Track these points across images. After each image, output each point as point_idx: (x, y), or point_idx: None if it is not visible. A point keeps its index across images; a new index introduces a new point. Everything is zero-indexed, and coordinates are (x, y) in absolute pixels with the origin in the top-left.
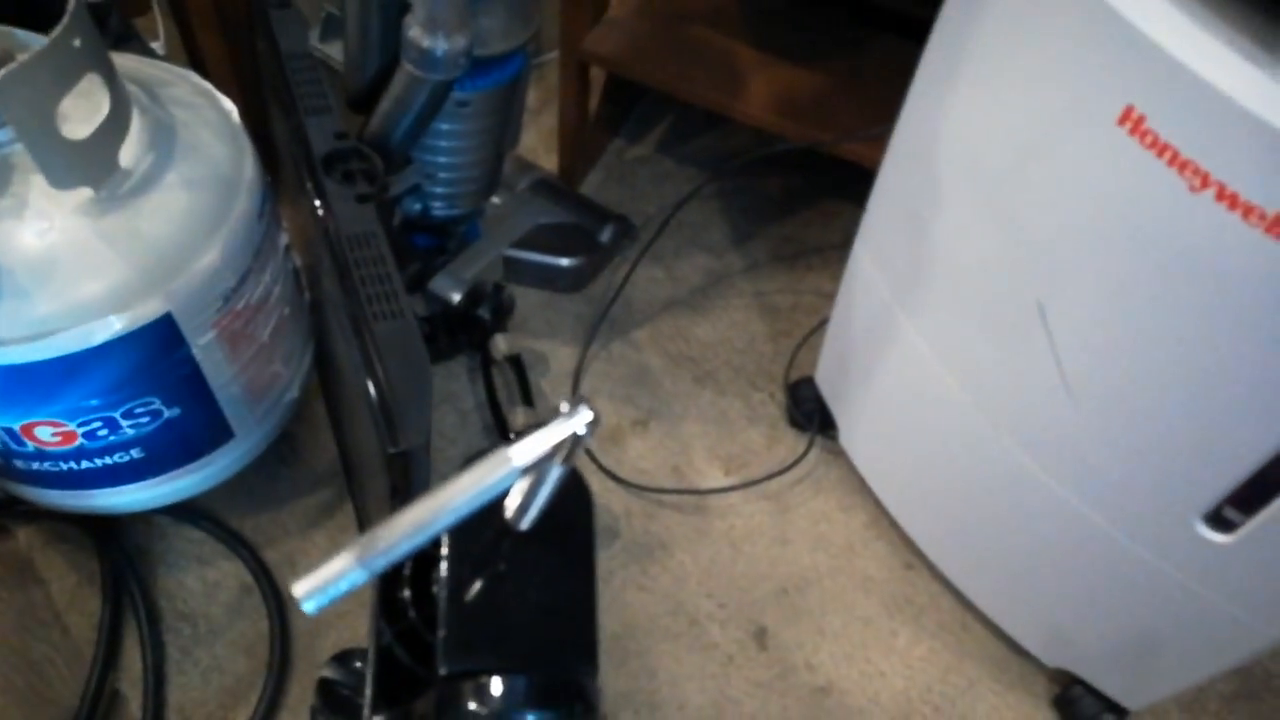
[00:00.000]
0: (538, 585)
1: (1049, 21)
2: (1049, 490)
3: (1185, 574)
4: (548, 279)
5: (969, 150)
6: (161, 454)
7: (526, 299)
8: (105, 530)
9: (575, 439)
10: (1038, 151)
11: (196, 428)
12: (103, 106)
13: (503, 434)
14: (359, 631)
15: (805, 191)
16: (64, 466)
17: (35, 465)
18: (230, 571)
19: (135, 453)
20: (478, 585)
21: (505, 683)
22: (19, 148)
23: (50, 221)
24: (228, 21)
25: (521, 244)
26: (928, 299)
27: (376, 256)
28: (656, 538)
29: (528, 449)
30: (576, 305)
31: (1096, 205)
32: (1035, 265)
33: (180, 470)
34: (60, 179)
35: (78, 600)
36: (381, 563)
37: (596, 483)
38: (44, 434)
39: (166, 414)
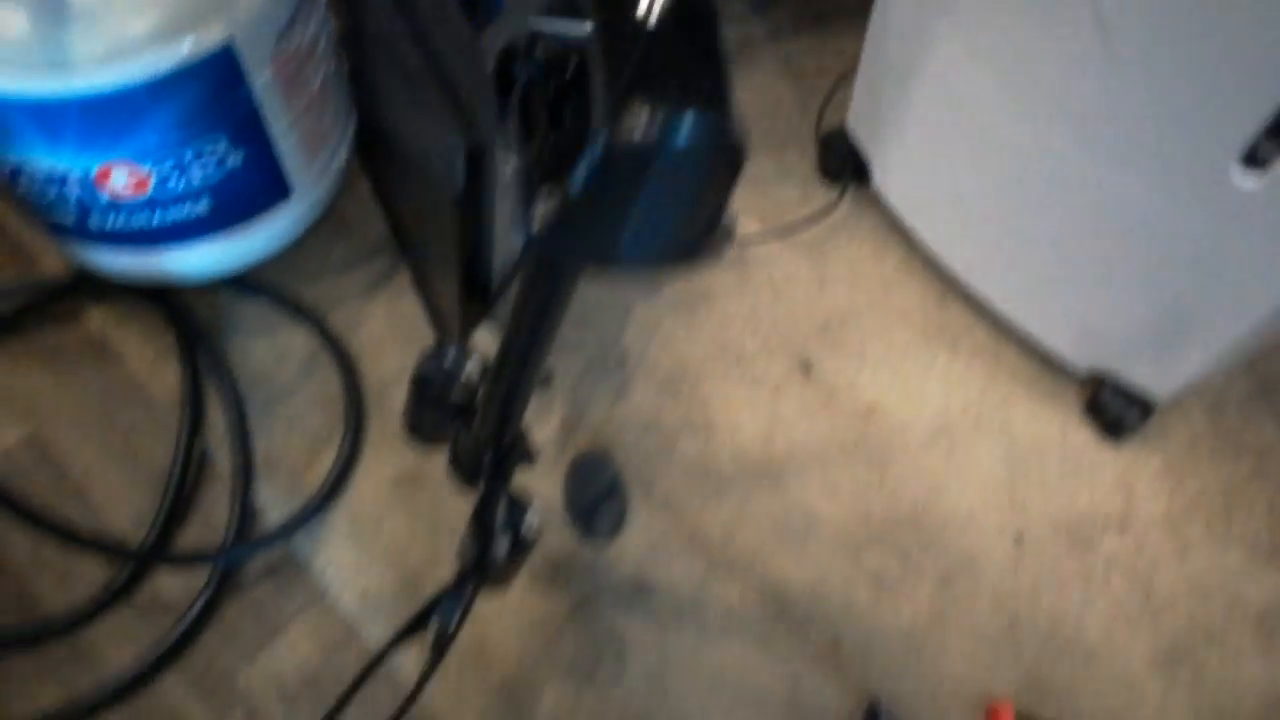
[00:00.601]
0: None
1: None
2: (1086, 169)
3: (1217, 224)
4: (575, 45)
5: None
6: (226, 207)
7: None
8: (174, 305)
9: None
10: None
11: (258, 180)
12: None
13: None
14: None
15: None
16: (136, 222)
17: (110, 221)
18: (297, 338)
19: (202, 205)
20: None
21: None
22: None
23: None
24: None
25: (550, 9)
26: (967, 8)
27: None
28: (699, 290)
29: None
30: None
31: None
32: None
33: (243, 228)
34: None
35: (156, 373)
36: None
37: None
38: (119, 181)
39: (230, 161)
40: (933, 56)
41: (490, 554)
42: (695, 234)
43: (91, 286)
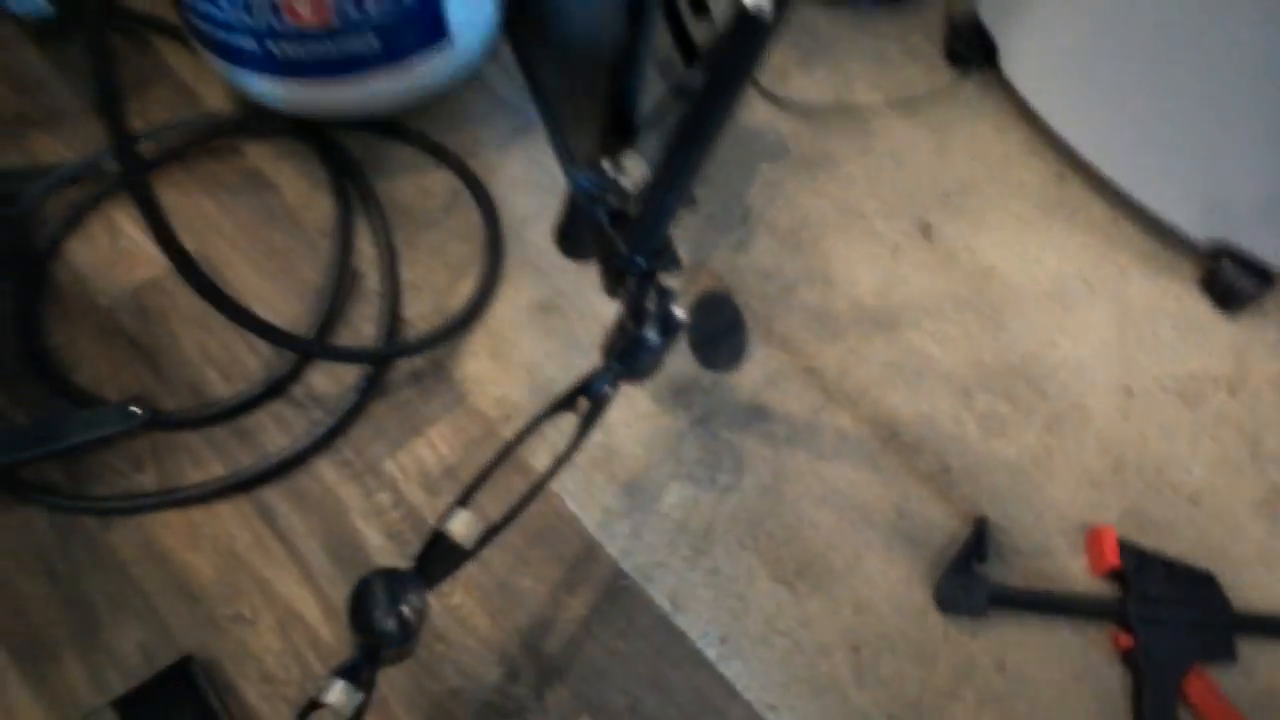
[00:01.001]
0: None
1: None
2: (1219, 28)
3: None
4: None
5: None
6: (393, 45)
7: None
8: (328, 142)
9: None
10: None
11: (423, 22)
12: None
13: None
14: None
15: None
16: (313, 50)
17: (291, 50)
18: (439, 178)
19: (372, 40)
20: None
21: None
22: None
23: None
24: None
25: None
26: None
27: None
28: (823, 152)
29: None
30: None
31: None
32: None
33: (404, 68)
34: None
35: (309, 202)
36: None
37: (763, 109)
38: (302, 8)
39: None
40: None
41: (644, 337)
42: None
43: (251, 124)
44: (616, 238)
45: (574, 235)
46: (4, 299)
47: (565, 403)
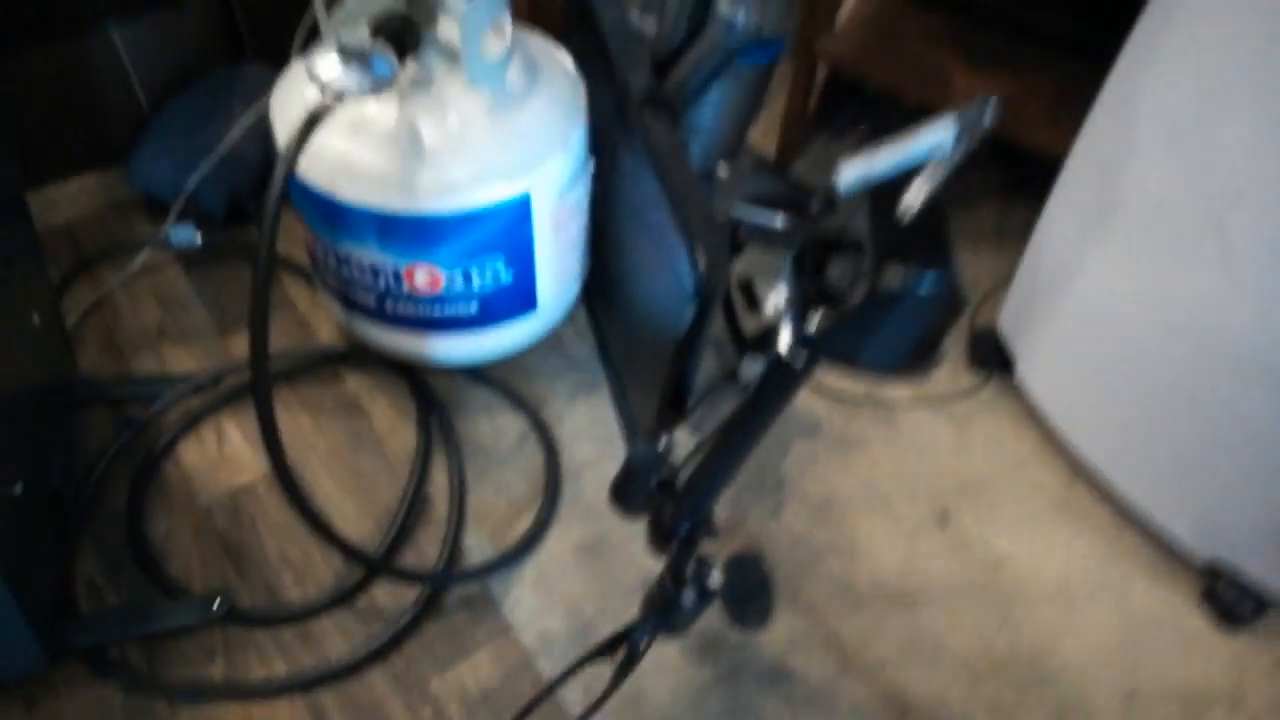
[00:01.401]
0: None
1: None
2: (1215, 379)
3: None
4: (763, 235)
5: (1164, 109)
6: (488, 310)
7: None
8: (418, 380)
9: (981, 126)
10: (1231, 105)
11: (516, 294)
12: (505, 40)
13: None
14: (611, 471)
15: (989, 187)
16: (423, 311)
17: (404, 309)
18: (512, 422)
19: (473, 306)
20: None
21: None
22: (445, 69)
23: (461, 115)
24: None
25: (745, 201)
26: (1115, 231)
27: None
28: (854, 435)
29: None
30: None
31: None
32: (1219, 189)
33: (495, 330)
34: (481, 81)
35: (395, 432)
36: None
37: (802, 392)
38: (420, 278)
39: (502, 277)
40: (1082, 276)
41: (680, 599)
42: (923, 354)
43: (354, 358)
44: (664, 504)
45: (627, 494)
46: (120, 488)
47: (604, 649)
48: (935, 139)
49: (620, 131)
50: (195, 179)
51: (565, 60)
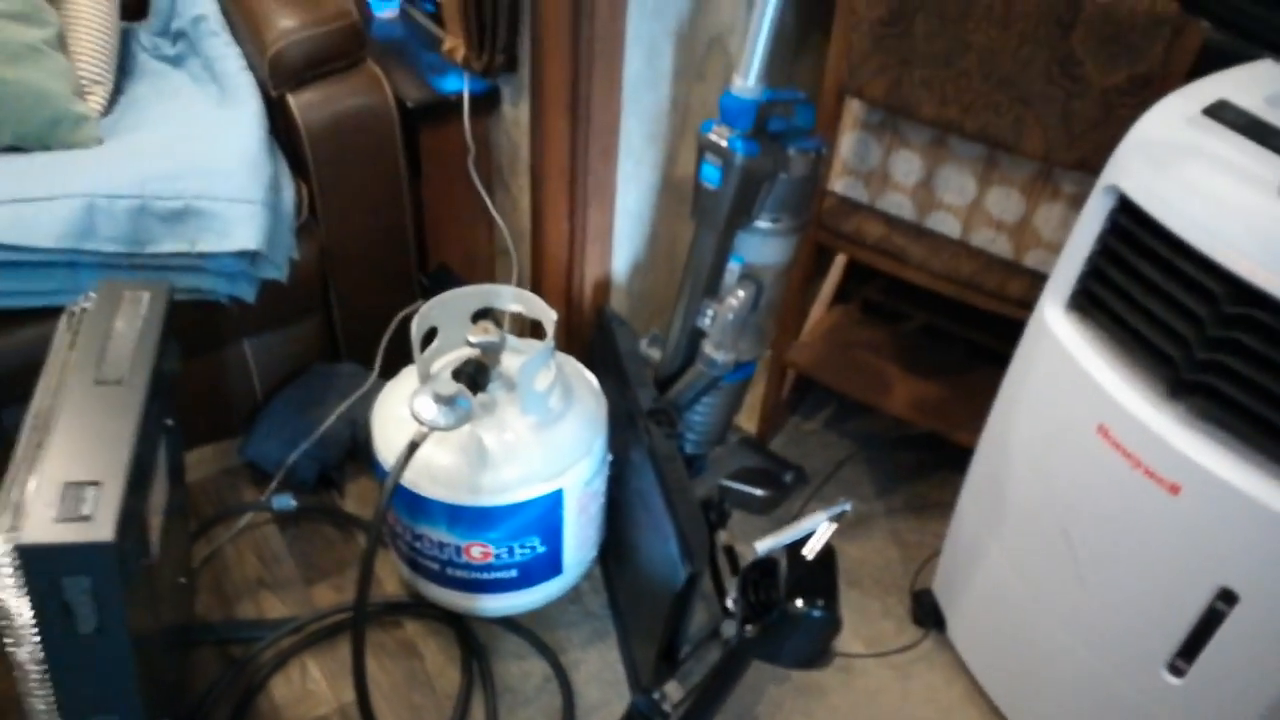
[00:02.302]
0: (815, 577)
1: (1057, 380)
2: (1085, 659)
3: (1160, 707)
4: (747, 503)
5: (1025, 440)
6: (525, 575)
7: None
8: (464, 628)
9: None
10: (1061, 444)
11: (546, 562)
12: (550, 378)
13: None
14: (617, 713)
15: (929, 464)
16: (474, 576)
17: (460, 574)
18: (537, 665)
19: (513, 573)
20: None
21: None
22: (505, 396)
23: (515, 432)
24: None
25: (731, 477)
26: (1004, 523)
27: (675, 466)
28: (816, 684)
29: (820, 529)
30: (764, 524)
31: (1092, 478)
32: (1062, 507)
33: (529, 590)
34: (531, 410)
35: (443, 672)
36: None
37: None
38: (475, 552)
39: (536, 550)
40: (986, 557)
41: None
42: (817, 657)
43: (414, 608)
44: None
45: None
46: (223, 718)
47: None
48: (815, 523)
49: (630, 432)
50: (295, 455)
51: (592, 381)
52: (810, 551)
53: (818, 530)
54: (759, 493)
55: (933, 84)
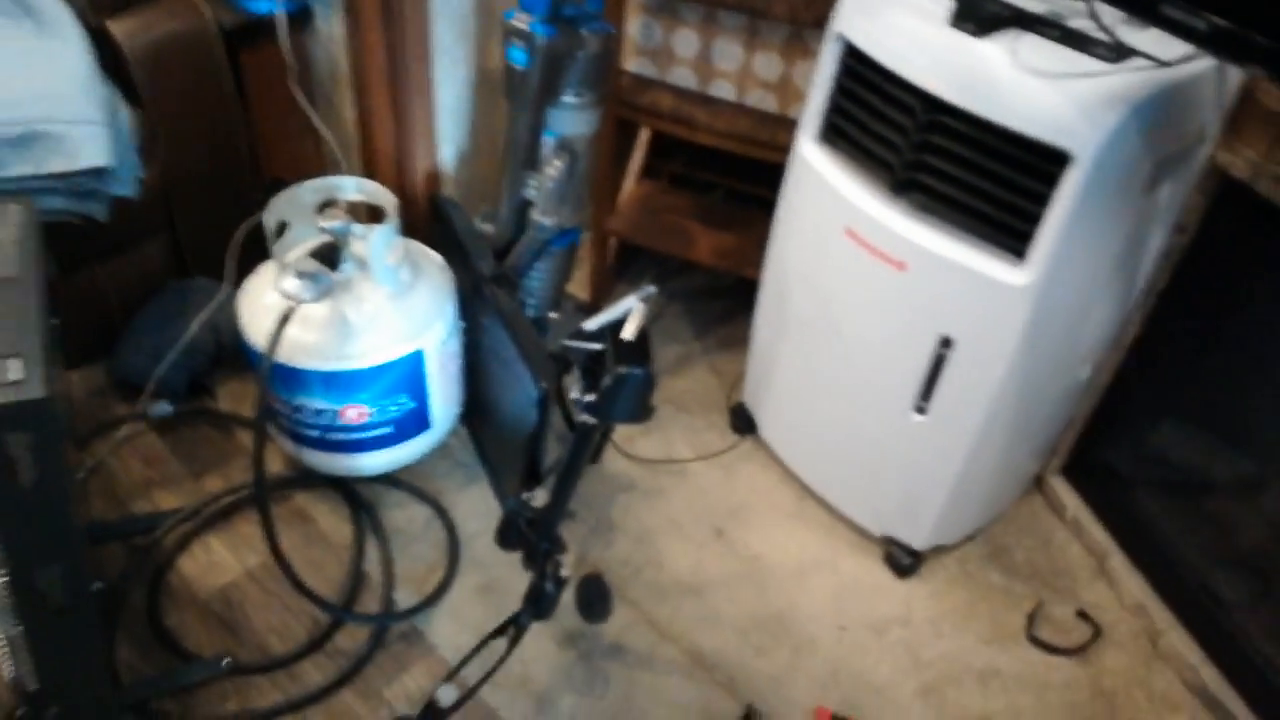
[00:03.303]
0: (634, 351)
1: (814, 200)
2: (856, 418)
3: (911, 442)
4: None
5: (795, 258)
6: (399, 431)
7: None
8: (349, 490)
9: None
10: (821, 252)
11: (415, 418)
12: (398, 254)
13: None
14: (493, 550)
15: (737, 310)
16: (353, 436)
17: (339, 436)
18: (420, 511)
19: (390, 428)
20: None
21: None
22: (359, 275)
23: (373, 303)
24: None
25: (571, 339)
26: (790, 331)
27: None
28: (657, 487)
29: (635, 310)
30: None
31: (846, 272)
32: (828, 303)
33: (403, 445)
34: (384, 281)
35: (335, 529)
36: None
37: (620, 461)
38: (351, 414)
39: (406, 407)
40: (779, 362)
41: (545, 589)
42: (641, 411)
43: (300, 481)
44: (531, 534)
45: (506, 535)
46: (139, 597)
47: (499, 630)
48: (628, 304)
49: (477, 300)
50: (165, 366)
51: (436, 258)
52: (630, 333)
53: (632, 311)
54: (597, 347)
55: None
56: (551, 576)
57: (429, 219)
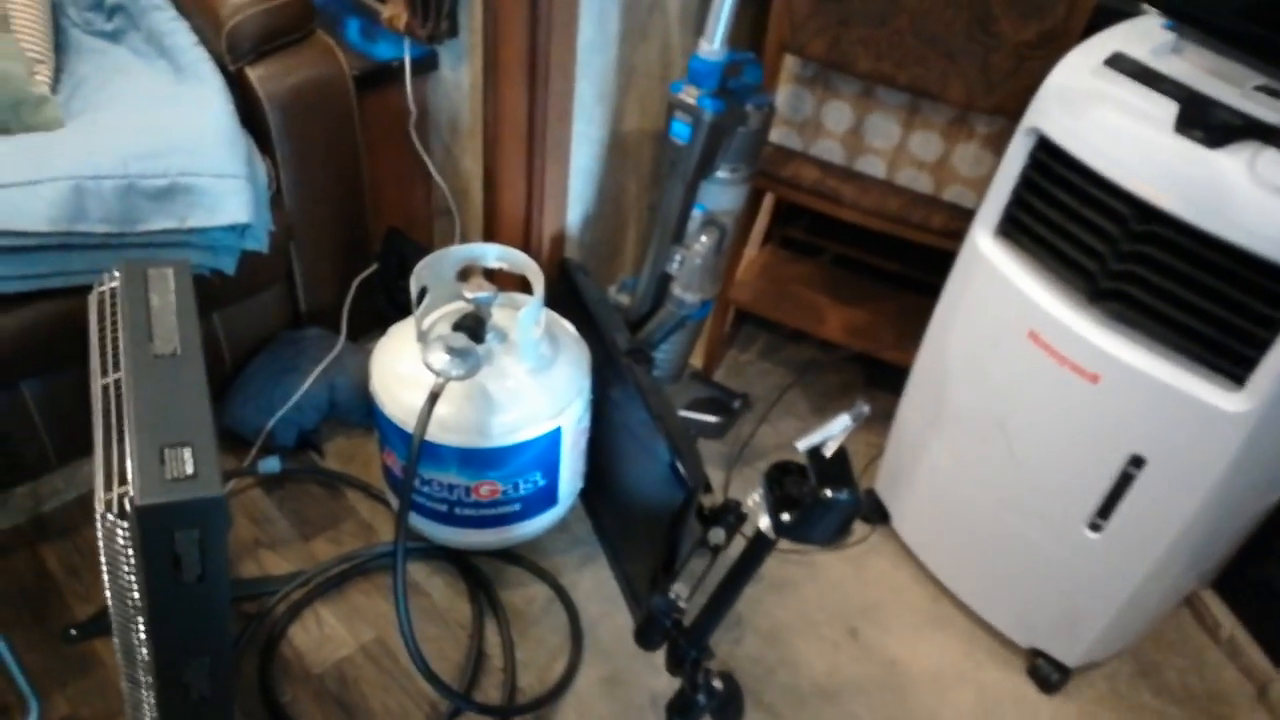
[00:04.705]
0: (835, 469)
1: (990, 296)
2: (1016, 527)
3: (1082, 558)
4: (702, 430)
5: (963, 347)
6: (527, 508)
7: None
8: (466, 564)
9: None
10: (996, 351)
11: (544, 495)
12: (541, 328)
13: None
14: (617, 622)
15: (854, 384)
16: (482, 513)
17: (468, 511)
18: (539, 590)
19: (517, 506)
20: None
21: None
22: (499, 347)
23: (515, 379)
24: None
25: (688, 408)
26: (945, 425)
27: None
28: (786, 578)
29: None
30: (719, 446)
31: (1025, 376)
32: (999, 404)
33: (530, 520)
34: (527, 358)
35: (453, 606)
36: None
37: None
38: (484, 490)
39: (538, 484)
40: (927, 454)
41: (697, 702)
42: (841, 535)
43: (415, 551)
44: (679, 637)
45: (648, 635)
46: (251, 669)
47: None
48: (841, 425)
49: (608, 371)
50: (275, 419)
51: (571, 329)
52: (828, 450)
53: (838, 429)
54: (713, 419)
55: (869, 42)
56: (704, 687)
57: (557, 284)
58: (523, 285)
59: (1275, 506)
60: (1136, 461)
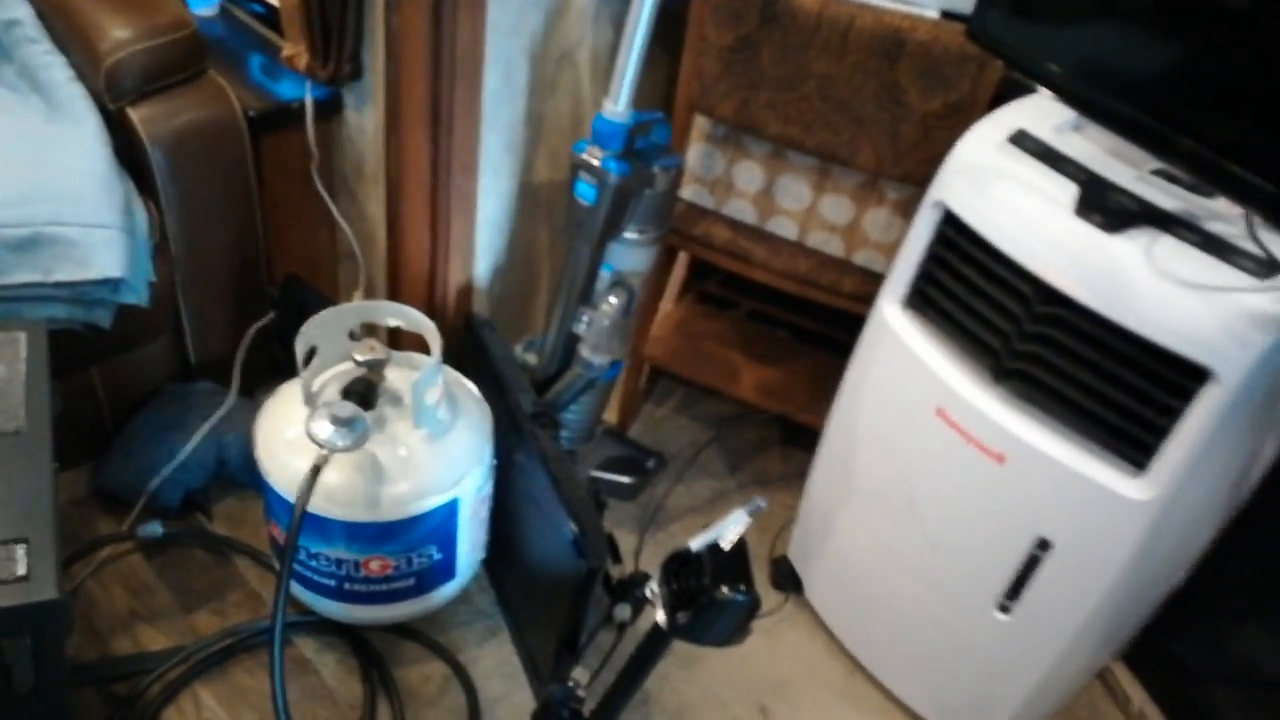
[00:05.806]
0: (733, 565)
1: (898, 369)
2: (926, 603)
3: (990, 639)
4: (615, 491)
5: (871, 424)
6: (421, 583)
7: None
8: (358, 639)
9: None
10: (904, 426)
11: (440, 569)
12: (439, 393)
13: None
14: (519, 702)
15: (771, 441)
16: (372, 588)
17: (358, 588)
18: (437, 667)
19: (411, 581)
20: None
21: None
22: (393, 411)
23: (408, 447)
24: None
25: (600, 468)
26: (855, 496)
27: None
28: (694, 652)
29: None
30: (631, 508)
31: (933, 453)
32: (907, 480)
33: (425, 596)
34: (423, 424)
35: (343, 684)
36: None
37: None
38: (374, 565)
39: (433, 558)
40: (838, 524)
41: None
42: (738, 635)
43: (304, 625)
44: None
45: None
46: None
47: None
48: (736, 519)
49: (512, 435)
50: (158, 480)
51: (473, 389)
52: (726, 543)
53: (734, 524)
54: (626, 480)
55: (777, 105)
56: None
57: (461, 339)
58: (423, 343)
59: (1182, 583)
60: (1043, 544)
